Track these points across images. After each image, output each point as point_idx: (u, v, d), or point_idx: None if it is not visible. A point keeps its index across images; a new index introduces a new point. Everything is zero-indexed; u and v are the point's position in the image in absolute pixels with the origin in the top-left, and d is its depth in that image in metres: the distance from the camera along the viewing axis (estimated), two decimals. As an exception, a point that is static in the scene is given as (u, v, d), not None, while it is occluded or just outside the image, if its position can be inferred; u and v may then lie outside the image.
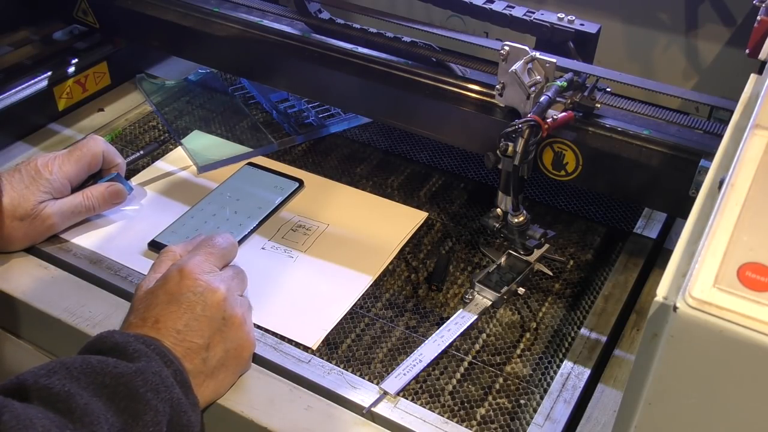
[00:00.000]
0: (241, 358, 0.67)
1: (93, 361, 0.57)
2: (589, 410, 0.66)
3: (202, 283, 0.65)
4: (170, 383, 0.58)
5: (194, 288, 0.65)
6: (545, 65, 0.73)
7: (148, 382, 0.57)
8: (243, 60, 0.95)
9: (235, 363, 0.66)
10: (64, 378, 0.55)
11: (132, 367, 0.57)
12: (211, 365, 0.64)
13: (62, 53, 1.04)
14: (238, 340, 0.66)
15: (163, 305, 0.64)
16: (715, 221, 0.41)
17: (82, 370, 0.56)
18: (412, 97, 0.83)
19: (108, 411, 0.54)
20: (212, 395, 0.65)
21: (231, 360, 0.66)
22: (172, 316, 0.63)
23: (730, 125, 0.51)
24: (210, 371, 0.64)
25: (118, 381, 0.56)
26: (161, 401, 0.57)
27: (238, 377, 0.67)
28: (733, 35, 0.91)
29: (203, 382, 0.63)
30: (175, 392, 0.58)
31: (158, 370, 0.58)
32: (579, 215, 0.88)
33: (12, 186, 0.76)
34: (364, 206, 0.88)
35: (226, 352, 0.65)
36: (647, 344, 0.40)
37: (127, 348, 0.59)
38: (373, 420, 0.65)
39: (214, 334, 0.64)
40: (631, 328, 0.74)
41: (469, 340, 0.72)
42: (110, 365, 0.57)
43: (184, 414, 0.59)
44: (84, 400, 0.54)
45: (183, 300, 0.64)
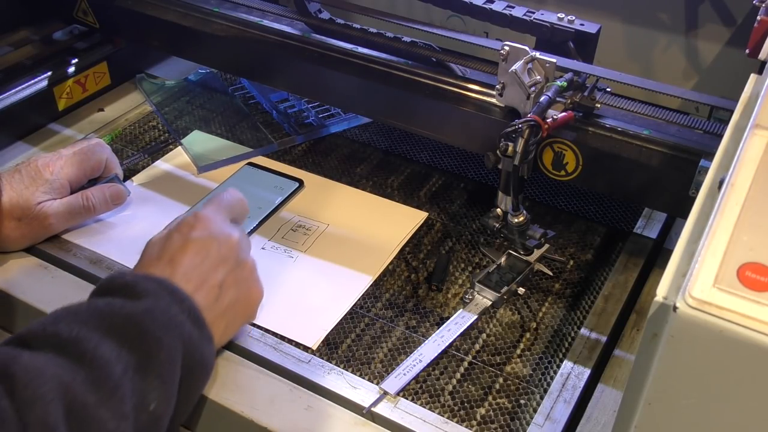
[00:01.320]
0: (250, 304, 0.69)
1: (99, 304, 0.57)
2: (589, 410, 0.66)
3: (217, 227, 0.67)
4: (180, 320, 0.59)
5: (209, 230, 0.67)
6: (545, 65, 0.73)
7: (157, 320, 0.57)
8: (243, 60, 0.95)
9: (245, 308, 0.68)
10: (71, 323, 0.54)
11: (140, 307, 0.57)
12: (223, 304, 0.65)
13: (62, 53, 1.04)
14: (249, 286, 0.68)
15: (178, 245, 0.65)
16: (715, 221, 0.41)
17: (89, 314, 0.56)
18: (412, 97, 0.83)
19: (121, 350, 0.54)
20: (221, 336, 0.66)
21: (241, 304, 0.67)
22: (188, 254, 0.65)
23: (730, 125, 0.51)
24: (222, 310, 0.65)
25: (128, 321, 0.56)
26: (173, 338, 0.57)
27: (244, 324, 0.70)
28: (733, 35, 0.91)
29: (215, 319, 0.64)
30: (186, 329, 0.59)
31: (167, 308, 0.58)
32: (579, 215, 0.88)
33: (11, 186, 0.76)
34: (364, 206, 0.88)
35: (237, 294, 0.67)
36: (647, 344, 0.40)
37: (135, 287, 0.59)
38: (373, 420, 0.65)
39: (227, 274, 0.66)
40: (631, 328, 0.74)
41: (469, 340, 0.72)
42: (117, 306, 0.57)
43: (197, 350, 0.59)
44: (94, 342, 0.53)
45: (198, 240, 0.66)
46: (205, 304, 0.63)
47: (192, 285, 0.63)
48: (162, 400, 0.56)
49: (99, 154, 0.82)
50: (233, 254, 0.67)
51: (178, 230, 0.67)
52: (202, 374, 0.61)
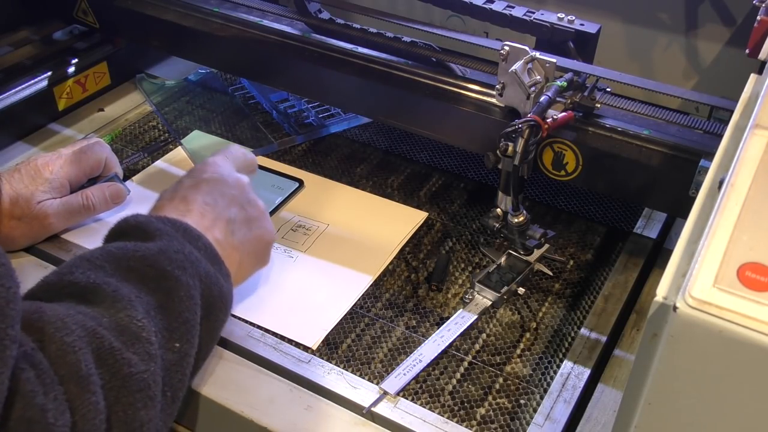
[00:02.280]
0: (263, 244, 0.70)
1: (112, 248, 0.57)
2: (589, 410, 0.66)
3: (227, 170, 0.69)
4: (195, 258, 0.59)
5: (220, 171, 0.69)
6: (545, 65, 0.73)
7: (172, 259, 0.57)
8: (243, 60, 0.95)
9: (257, 247, 0.69)
10: (87, 270, 0.54)
11: (153, 248, 0.57)
12: (237, 239, 0.66)
13: (62, 53, 1.04)
14: (261, 227, 0.69)
15: (190, 186, 0.67)
16: (715, 221, 0.41)
17: (103, 258, 0.56)
18: (412, 97, 0.83)
19: (140, 292, 0.54)
20: (235, 275, 0.66)
21: (253, 243, 0.68)
22: (201, 192, 0.66)
23: (730, 125, 0.51)
24: (236, 245, 0.66)
25: (143, 263, 0.56)
26: (190, 276, 0.57)
27: (258, 266, 0.71)
28: (733, 35, 0.91)
29: (231, 254, 0.65)
30: (202, 266, 0.59)
31: (180, 247, 0.58)
32: (579, 215, 0.88)
33: (11, 185, 0.76)
34: (364, 206, 0.88)
35: (249, 233, 0.68)
36: (647, 344, 0.40)
37: (148, 227, 0.59)
38: (373, 420, 0.65)
39: (239, 210, 0.67)
40: (631, 328, 0.74)
41: (469, 340, 0.72)
42: (130, 249, 0.57)
43: (215, 286, 0.59)
44: (112, 286, 0.53)
45: (210, 180, 0.68)
46: (220, 238, 0.64)
47: (206, 221, 0.64)
48: (186, 338, 0.56)
49: (98, 154, 0.82)
50: (243, 194, 0.69)
51: (188, 175, 0.69)
52: (222, 310, 0.61)
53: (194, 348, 0.57)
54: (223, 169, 0.70)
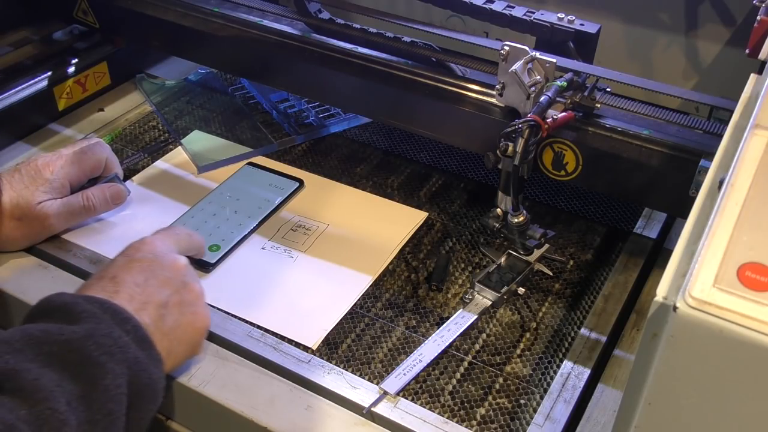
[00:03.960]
0: (196, 331, 0.66)
1: (34, 331, 0.53)
2: (589, 410, 0.66)
3: (163, 250, 0.66)
4: (124, 342, 0.55)
5: (155, 251, 0.66)
6: (545, 65, 0.73)
7: (100, 344, 0.53)
8: (243, 60, 0.95)
9: (190, 334, 0.65)
10: (5, 353, 0.50)
11: (79, 331, 0.53)
12: (167, 325, 0.62)
13: (62, 53, 1.04)
14: (195, 310, 0.65)
15: (122, 265, 0.64)
16: (715, 221, 0.41)
17: (24, 341, 0.51)
18: (412, 97, 0.83)
19: (62, 380, 0.50)
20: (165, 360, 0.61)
21: (186, 328, 0.64)
22: (132, 272, 0.63)
23: (730, 125, 0.51)
24: (167, 330, 0.62)
25: (68, 348, 0.52)
26: (117, 363, 0.53)
27: (189, 355, 0.66)
28: (733, 35, 0.91)
29: (160, 340, 0.60)
30: (130, 351, 0.55)
31: (108, 331, 0.55)
32: (579, 215, 0.88)
33: (11, 186, 0.76)
34: (364, 206, 0.88)
35: (182, 317, 0.64)
36: (647, 344, 0.40)
37: (74, 308, 0.55)
38: (373, 420, 0.65)
39: (172, 294, 0.63)
40: (631, 328, 0.74)
41: (469, 340, 0.72)
42: (54, 333, 0.52)
43: (144, 372, 0.56)
44: (33, 374, 0.49)
45: (144, 260, 0.64)
46: (149, 323, 0.60)
47: (136, 303, 0.60)
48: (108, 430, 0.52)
49: (99, 154, 0.82)
50: (178, 276, 0.65)
51: (122, 253, 0.66)
52: (152, 397, 0.57)
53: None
54: (159, 249, 0.66)
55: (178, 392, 0.67)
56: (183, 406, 0.69)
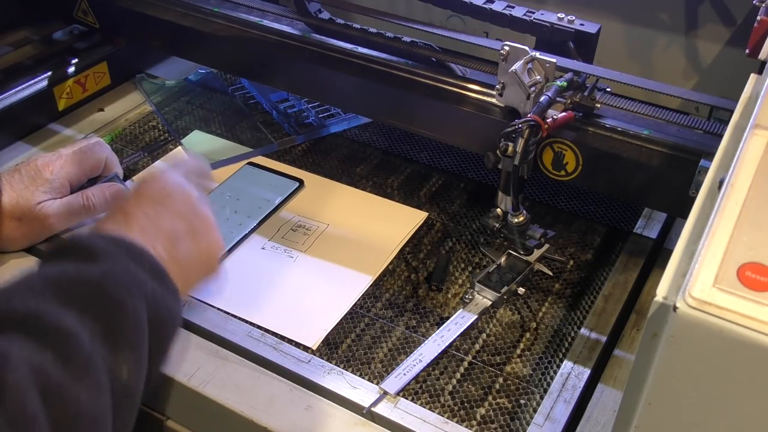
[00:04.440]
0: (211, 256, 0.66)
1: (52, 272, 0.53)
2: (589, 410, 0.66)
3: (173, 181, 0.66)
4: (142, 278, 0.55)
5: (164, 184, 0.65)
6: (545, 65, 0.73)
7: (118, 281, 0.53)
8: (243, 60, 0.95)
9: (205, 260, 0.65)
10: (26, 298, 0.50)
11: (96, 269, 0.53)
12: (181, 255, 0.62)
13: (62, 53, 1.04)
14: (208, 239, 0.65)
15: (132, 201, 0.63)
16: (715, 221, 0.41)
17: (43, 284, 0.52)
18: (412, 97, 0.83)
19: (84, 319, 0.51)
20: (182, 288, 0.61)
21: (201, 256, 0.64)
22: (143, 206, 0.62)
23: (730, 125, 0.51)
24: (181, 260, 0.62)
25: (86, 287, 0.52)
26: (136, 297, 0.53)
27: (205, 278, 0.66)
28: (733, 35, 0.91)
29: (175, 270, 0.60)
30: (148, 287, 0.55)
31: (125, 266, 0.55)
32: (579, 215, 0.88)
33: (11, 186, 0.76)
34: (364, 206, 0.88)
35: (196, 246, 0.64)
36: (647, 344, 0.40)
37: (90, 247, 0.55)
38: (373, 420, 0.65)
39: (184, 224, 0.63)
40: (631, 328, 0.74)
41: (469, 340, 0.72)
42: (72, 273, 0.53)
43: (162, 305, 0.56)
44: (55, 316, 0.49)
45: (153, 194, 0.64)
46: (164, 255, 0.60)
47: (148, 236, 0.60)
48: (134, 365, 0.53)
49: (98, 154, 0.82)
50: (189, 207, 0.65)
51: (132, 188, 0.66)
52: (170, 329, 0.58)
53: (143, 372, 0.54)
54: (168, 181, 0.66)
55: (178, 392, 0.67)
56: (183, 406, 0.69)
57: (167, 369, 0.67)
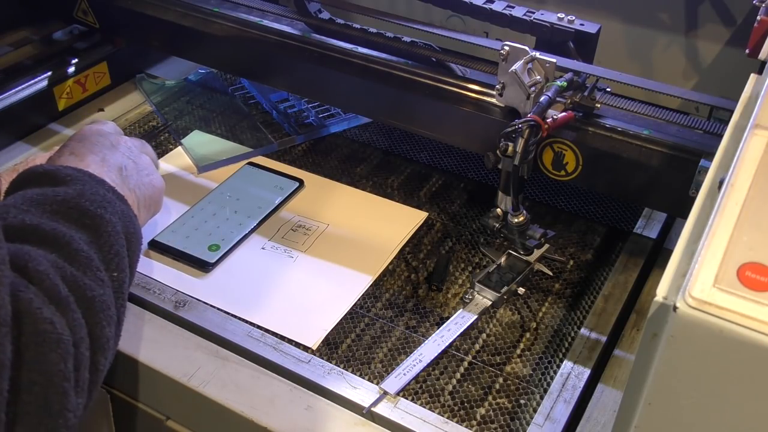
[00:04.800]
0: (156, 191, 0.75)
1: (32, 194, 0.58)
2: (589, 410, 0.66)
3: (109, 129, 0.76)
4: (110, 198, 0.62)
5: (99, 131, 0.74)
6: (545, 65, 0.73)
7: (93, 200, 0.60)
8: (243, 60, 0.95)
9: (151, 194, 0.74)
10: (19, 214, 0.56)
11: (72, 191, 0.59)
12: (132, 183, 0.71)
13: (62, 53, 1.04)
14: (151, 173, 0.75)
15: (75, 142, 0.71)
16: (715, 221, 0.41)
17: (27, 203, 0.57)
18: (412, 97, 0.83)
19: (70, 229, 0.56)
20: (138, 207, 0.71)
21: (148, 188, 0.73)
22: (88, 146, 0.70)
23: (730, 125, 0.51)
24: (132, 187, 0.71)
25: (66, 205, 0.58)
26: (111, 214, 0.60)
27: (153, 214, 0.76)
28: (733, 35, 0.91)
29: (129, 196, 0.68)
30: (117, 205, 0.62)
31: (95, 189, 0.62)
32: (579, 215, 0.88)
33: (11, 186, 0.77)
34: (364, 206, 0.88)
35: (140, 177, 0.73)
36: (647, 344, 0.40)
37: (57, 174, 0.61)
38: (373, 420, 0.65)
39: (128, 161, 0.72)
40: (631, 328, 0.74)
41: (469, 340, 0.72)
42: (50, 194, 0.58)
43: (131, 222, 0.63)
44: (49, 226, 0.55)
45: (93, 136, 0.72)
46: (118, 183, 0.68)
47: (100, 169, 0.68)
48: (120, 268, 0.59)
49: None
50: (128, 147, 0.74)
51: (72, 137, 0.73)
52: (138, 243, 0.65)
53: (128, 277, 0.60)
54: (102, 129, 0.74)
55: (178, 392, 0.67)
56: (183, 406, 0.69)
57: (169, 370, 0.67)
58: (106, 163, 0.69)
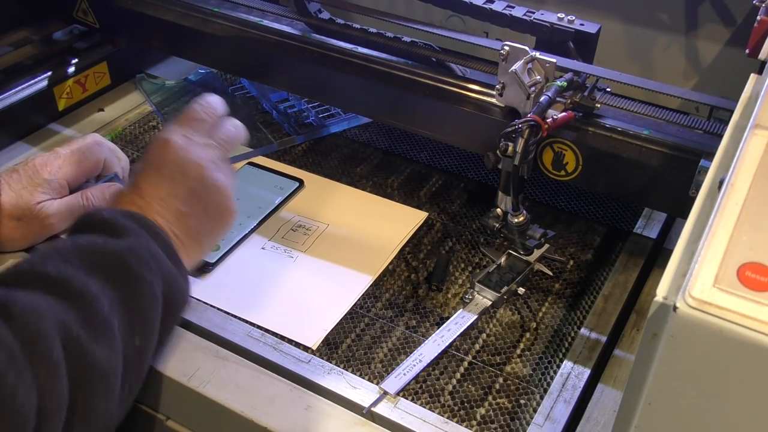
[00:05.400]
0: (223, 224, 0.71)
1: (82, 242, 0.59)
2: (589, 410, 0.66)
3: (182, 153, 0.69)
4: (159, 256, 0.61)
5: (174, 157, 0.68)
6: (545, 65, 0.73)
7: (139, 257, 0.59)
8: (243, 60, 0.95)
9: (217, 228, 0.71)
10: (58, 262, 0.56)
11: (121, 244, 0.59)
12: (194, 230, 0.68)
13: (62, 53, 1.04)
14: (219, 207, 0.70)
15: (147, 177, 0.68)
16: (715, 221, 0.41)
17: (74, 252, 0.57)
18: (412, 97, 0.83)
19: (106, 287, 0.56)
20: (194, 258, 0.69)
21: (214, 226, 0.70)
22: (156, 187, 0.67)
23: (730, 125, 0.51)
24: (194, 235, 0.68)
25: (111, 259, 0.58)
26: (154, 274, 0.59)
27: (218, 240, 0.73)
28: (733, 35, 0.91)
29: (188, 244, 0.67)
30: (164, 265, 0.61)
31: (147, 244, 0.61)
32: (579, 215, 0.88)
33: (10, 186, 0.76)
34: (364, 206, 0.88)
35: (208, 218, 0.69)
36: (647, 344, 0.40)
37: (115, 224, 0.61)
38: (373, 420, 0.65)
39: (195, 202, 0.68)
40: (631, 328, 0.74)
41: (469, 340, 0.72)
42: (99, 244, 0.58)
43: (175, 283, 0.62)
44: (81, 281, 0.55)
45: (164, 169, 0.68)
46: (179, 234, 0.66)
47: (163, 219, 0.65)
48: (145, 334, 0.58)
49: (97, 154, 0.82)
50: (200, 182, 0.68)
51: (146, 159, 0.70)
52: (180, 306, 0.64)
53: (153, 344, 0.60)
54: (178, 153, 0.69)
55: (178, 392, 0.67)
56: (183, 406, 0.69)
57: (169, 370, 0.67)
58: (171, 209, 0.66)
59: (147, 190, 0.66)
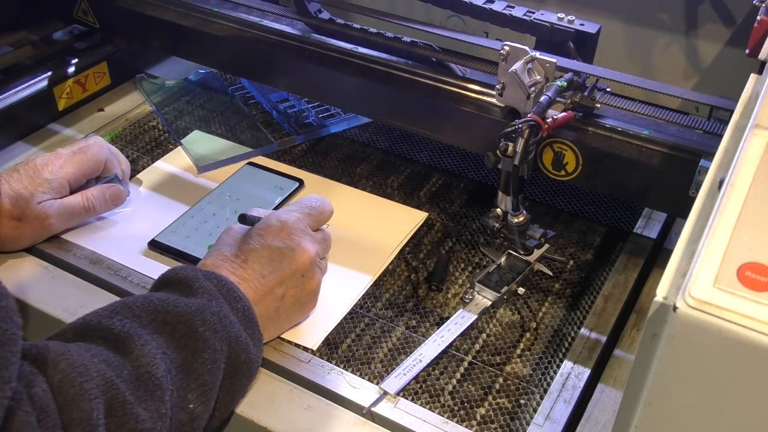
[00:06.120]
0: (303, 313, 0.72)
1: (154, 299, 0.59)
2: (589, 410, 0.66)
3: (296, 239, 0.70)
4: (229, 321, 0.61)
5: (288, 242, 0.69)
6: (545, 65, 0.73)
7: (206, 321, 0.59)
8: (243, 60, 0.95)
9: (298, 316, 0.71)
10: (125, 317, 0.57)
11: (192, 306, 0.59)
12: (279, 315, 0.68)
13: (62, 53, 1.04)
14: (307, 299, 0.71)
15: (255, 249, 0.68)
16: (715, 221, 0.41)
17: (143, 308, 0.58)
18: (412, 97, 0.83)
19: (168, 347, 0.57)
20: (269, 338, 0.69)
21: (296, 313, 0.71)
22: (261, 261, 0.68)
23: (730, 125, 0.51)
24: (277, 320, 0.68)
25: (178, 319, 0.58)
26: (219, 340, 0.59)
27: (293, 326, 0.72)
28: (733, 35, 0.91)
29: (267, 325, 0.67)
30: (233, 330, 0.61)
31: (218, 309, 0.60)
32: (579, 215, 0.88)
33: (10, 186, 0.76)
34: (364, 206, 0.88)
35: (294, 308, 0.70)
36: (647, 344, 0.40)
37: (192, 284, 0.61)
38: (373, 420, 0.65)
39: (291, 288, 0.69)
40: (631, 328, 0.74)
41: (469, 340, 0.72)
42: (171, 303, 0.59)
43: (243, 351, 0.61)
44: (143, 339, 0.55)
45: (275, 249, 0.69)
46: (263, 312, 0.66)
47: (256, 295, 0.66)
48: (201, 400, 0.57)
49: (98, 155, 0.82)
50: (301, 270, 0.69)
51: (259, 233, 0.70)
52: (248, 373, 0.63)
53: (209, 410, 0.59)
54: (294, 236, 0.70)
55: (178, 392, 0.67)
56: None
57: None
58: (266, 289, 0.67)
59: (251, 263, 0.67)
